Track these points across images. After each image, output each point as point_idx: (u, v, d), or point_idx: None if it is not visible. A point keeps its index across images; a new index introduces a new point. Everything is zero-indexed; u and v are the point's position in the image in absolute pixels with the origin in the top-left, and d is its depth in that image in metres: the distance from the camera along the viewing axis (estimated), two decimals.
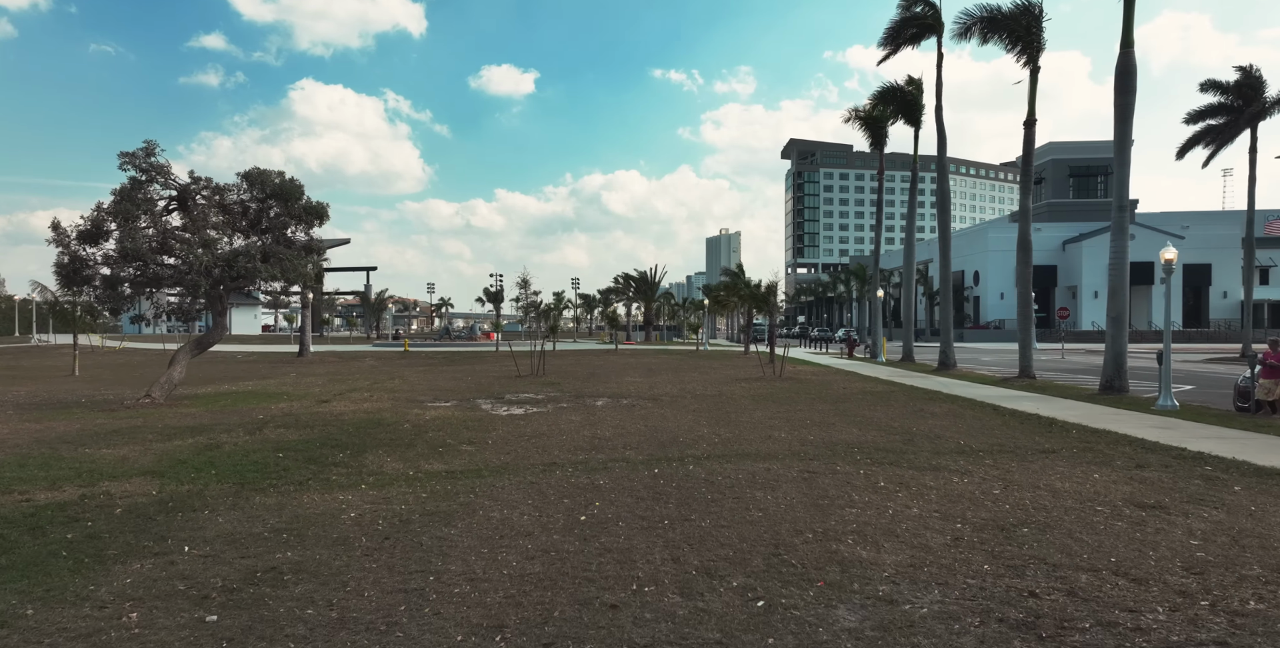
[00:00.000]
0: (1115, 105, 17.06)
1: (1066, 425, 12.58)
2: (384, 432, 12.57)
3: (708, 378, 24.58)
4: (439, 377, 25.39)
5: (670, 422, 13.70)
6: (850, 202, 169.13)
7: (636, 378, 24.55)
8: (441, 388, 20.95)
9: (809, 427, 12.91)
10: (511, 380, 23.54)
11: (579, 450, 10.72)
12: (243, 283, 19.07)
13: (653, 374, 26.38)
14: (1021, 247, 21.48)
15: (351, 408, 15.99)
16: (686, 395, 18.69)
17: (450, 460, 10.02)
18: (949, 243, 27.25)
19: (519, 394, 19.15)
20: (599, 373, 27.09)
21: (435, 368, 30.49)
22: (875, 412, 15.03)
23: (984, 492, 7.65)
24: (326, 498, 7.91)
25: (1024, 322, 21.65)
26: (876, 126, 35.95)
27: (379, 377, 25.50)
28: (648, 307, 76.03)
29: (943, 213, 27.36)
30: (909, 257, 32.50)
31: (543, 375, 25.26)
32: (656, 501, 7.58)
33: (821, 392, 19.49)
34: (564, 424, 13.39)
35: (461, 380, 23.73)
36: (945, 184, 27.11)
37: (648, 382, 22.98)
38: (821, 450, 10.46)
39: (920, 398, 17.58)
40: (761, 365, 29.35)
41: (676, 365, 31.78)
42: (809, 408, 15.82)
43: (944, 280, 27.48)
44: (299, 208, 19.23)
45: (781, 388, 20.57)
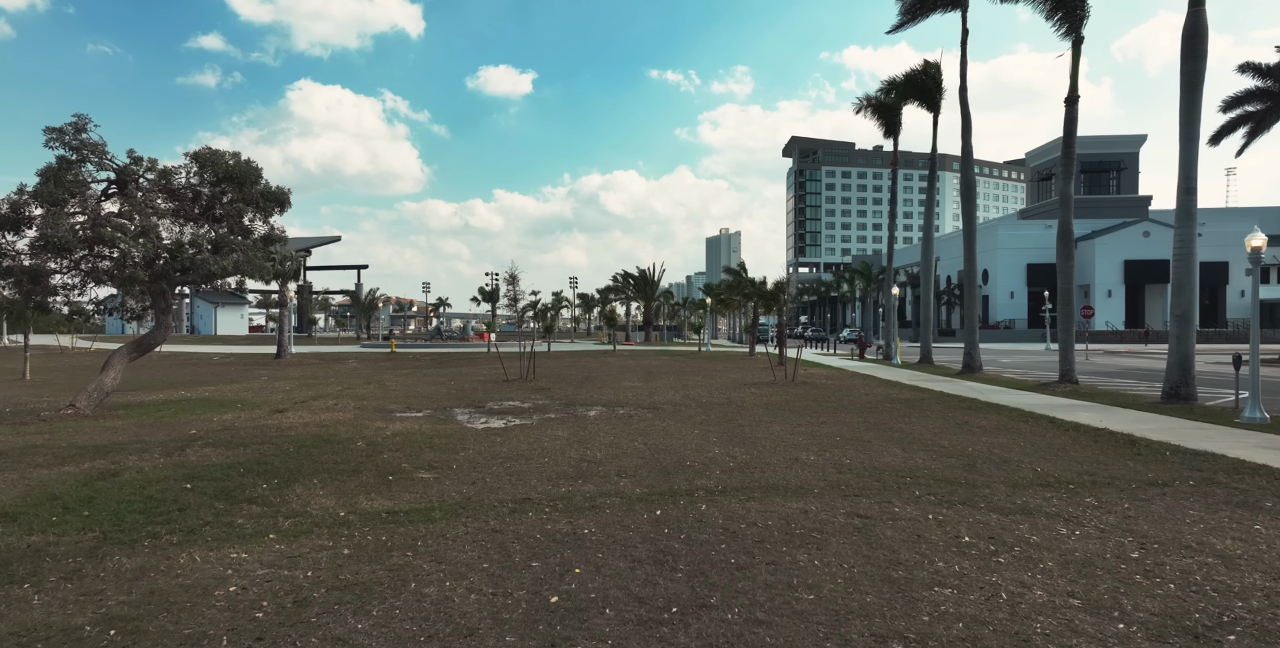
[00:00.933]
0: (1182, 72, 14.96)
1: (1153, 445, 10.45)
2: (331, 452, 10.45)
3: (713, 382, 22.46)
4: (419, 381, 23.26)
5: (674, 438, 11.58)
6: (853, 200, 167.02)
7: (635, 383, 22.43)
8: (418, 395, 18.83)
9: (841, 445, 10.79)
10: (498, 386, 21.43)
11: (562, 479, 8.60)
12: (192, 277, 16.92)
13: (653, 378, 24.26)
14: (1063, 237, 19.36)
15: (306, 420, 13.86)
16: (691, 404, 16.58)
17: (398, 495, 7.91)
18: (974, 235, 25.14)
19: (503, 402, 17.04)
20: (594, 377, 24.97)
21: (419, 371, 28.36)
22: (913, 425, 12.90)
23: (1118, 555, 5.52)
24: (212, 558, 5.80)
25: (1065, 321, 19.52)
26: (890, 114, 33.83)
27: (354, 381, 23.37)
28: (647, 306, 73.87)
29: (967, 203, 25.24)
30: (927, 252, 30.38)
31: (532, 380, 23.14)
32: (660, 567, 5.46)
33: (843, 399, 17.37)
34: (548, 442, 11.27)
35: (443, 386, 21.61)
36: (970, 172, 24.99)
37: (647, 387, 20.86)
38: (866, 481, 8.34)
39: (958, 407, 15.46)
40: (771, 368, 27.24)
41: (678, 368, 29.67)
42: (834, 420, 13.70)
43: (968, 277, 25.37)
44: (256, 193, 17.09)
45: (796, 395, 18.45)
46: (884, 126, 34.54)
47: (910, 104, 31.45)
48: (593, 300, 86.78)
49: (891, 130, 34.49)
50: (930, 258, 30.22)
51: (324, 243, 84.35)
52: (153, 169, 16.72)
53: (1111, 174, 77.00)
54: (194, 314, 78.31)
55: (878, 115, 34.18)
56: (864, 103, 34.08)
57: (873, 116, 34.45)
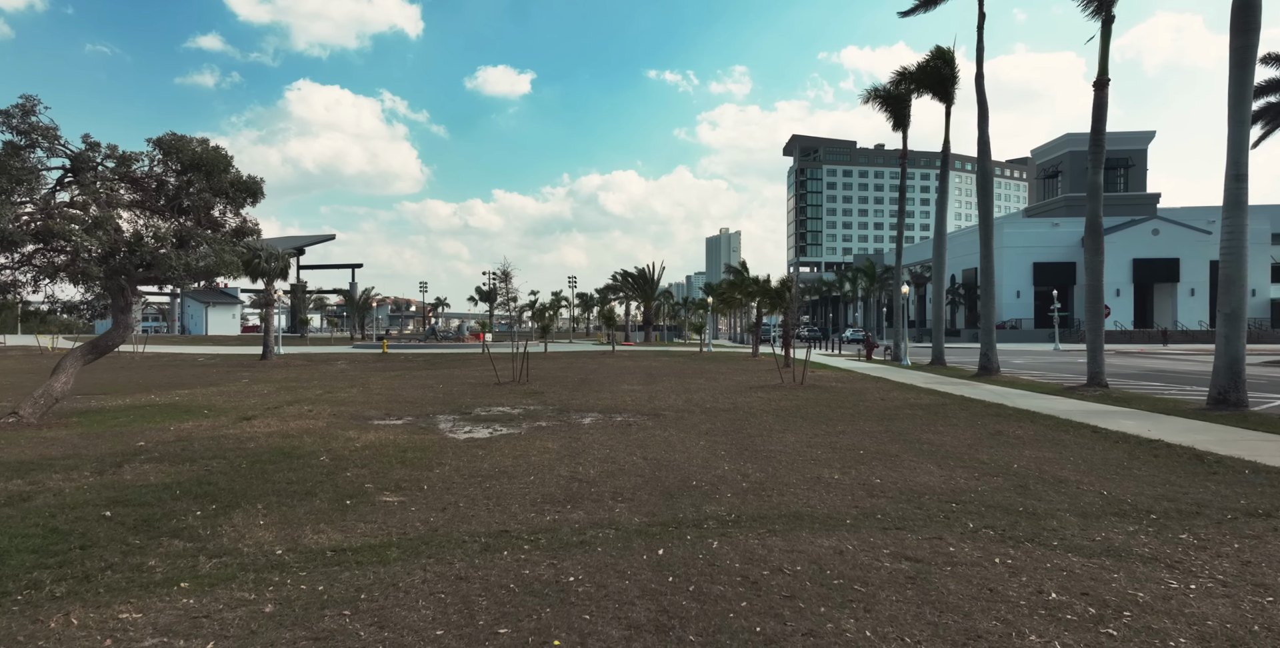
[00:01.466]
0: (1231, 49, 13.70)
1: (1225, 462, 9.18)
2: (289, 469, 9.19)
3: (717, 386, 21.20)
4: (406, 384, 22.00)
5: (677, 451, 10.33)
6: (854, 199, 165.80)
7: (634, 386, 21.17)
8: (402, 399, 17.57)
9: (866, 460, 9.54)
10: (488, 389, 20.17)
11: (548, 504, 7.36)
12: (155, 274, 15.64)
13: (653, 381, 23.00)
14: (1092, 231, 18.10)
15: (272, 429, 12.60)
16: (694, 409, 15.33)
17: (352, 525, 6.66)
18: (991, 230, 23.88)
19: (491, 408, 15.78)
20: (592, 379, 23.71)
21: (408, 373, 27.10)
22: (941, 435, 11.65)
23: (1268, 626, 4.26)
24: (93, 620, 4.55)
25: (1094, 320, 18.25)
26: (899, 106, 32.58)
27: (338, 384, 22.11)
28: (647, 306, 72.59)
29: (984, 197, 23.99)
30: (939, 249, 29.12)
31: (526, 383, 21.87)
32: (663, 636, 4.21)
33: (857, 405, 16.12)
34: (536, 455, 10.02)
35: (431, 389, 20.35)
36: (988, 164, 23.74)
37: (647, 391, 19.60)
38: (906, 507, 7.09)
39: (986, 414, 14.20)
40: (777, 370, 26.00)
41: (679, 370, 28.41)
42: (853, 429, 12.45)
43: (984, 275, 24.12)
44: (225, 182, 15.83)
45: (807, 399, 17.20)
46: (893, 119, 33.29)
47: (923, 95, 30.20)
48: (592, 300, 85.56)
49: (900, 123, 33.24)
50: (942, 255, 28.98)
51: (318, 241, 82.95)
52: (112, 156, 15.45)
53: (1119, 171, 75.75)
54: (184, 314, 76.94)
55: (886, 107, 32.93)
56: (872, 94, 32.83)
57: (881, 108, 33.21)
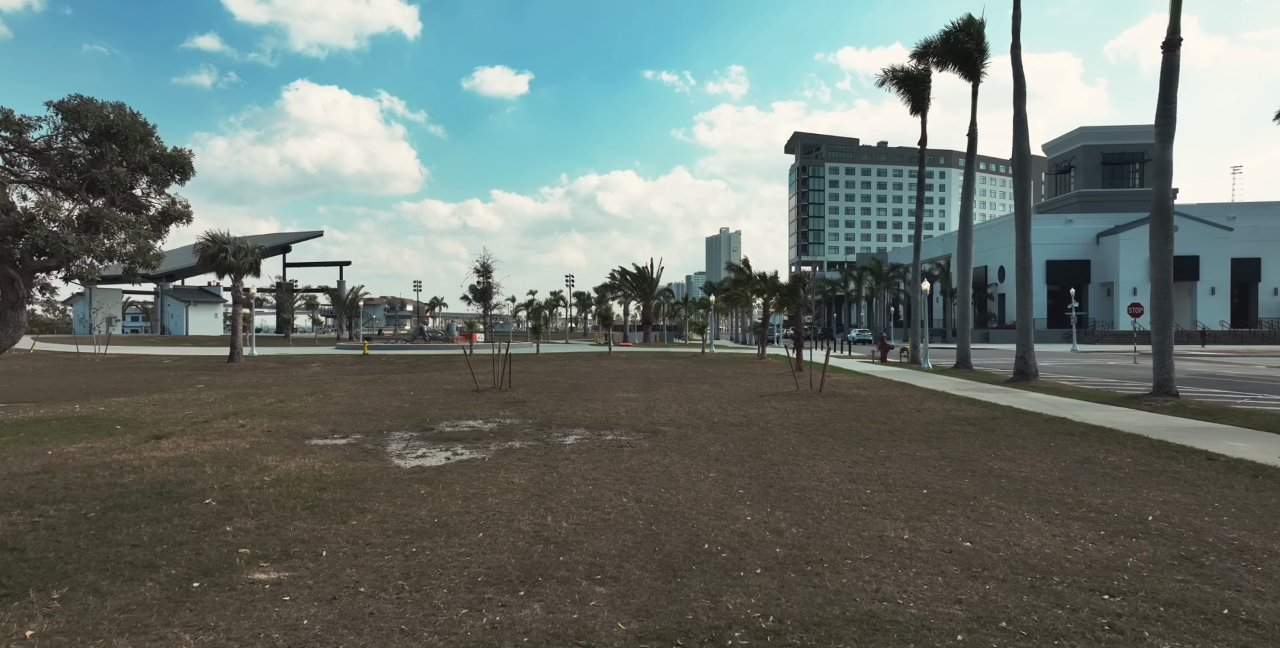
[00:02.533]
0: None
1: None
2: (150, 520, 6.74)
3: (723, 393, 18.75)
4: (374, 391, 19.55)
5: (681, 488, 7.89)
6: (856, 197, 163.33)
7: (630, 393, 18.71)
8: (360, 411, 15.12)
9: (936, 505, 7.09)
10: (464, 398, 17.72)
11: (491, 588, 4.92)
12: (55, 262, 13.21)
13: (651, 386, 20.55)
14: (1160, 215, 15.65)
15: (179, 453, 10.15)
16: (699, 424, 12.88)
17: (175, 637, 4.21)
18: (1028, 218, 21.44)
19: (459, 423, 13.33)
20: (583, 385, 21.25)
21: (382, 377, 24.64)
22: (1017, 464, 9.20)
23: None
24: None
25: (1162, 319, 15.77)
26: (918, 87, 30.14)
27: (297, 391, 19.66)
28: (646, 305, 70.08)
29: (1021, 180, 21.55)
30: (964, 242, 26.69)
31: (508, 390, 19.41)
32: None
33: (891, 418, 13.67)
34: (494, 496, 7.58)
35: (399, 397, 17.90)
36: (1025, 143, 21.31)
37: (644, 399, 17.15)
38: (1036, 604, 4.63)
39: (1053, 432, 11.75)
40: (789, 375, 23.59)
41: (680, 373, 25.96)
42: (899, 453, 10.00)
43: (1021, 268, 21.67)
44: (144, 156, 13.40)
45: (831, 411, 14.75)
46: (910, 102, 30.85)
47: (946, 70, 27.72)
48: (589, 300, 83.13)
49: (919, 106, 30.81)
50: (968, 249, 26.54)
51: (305, 238, 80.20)
52: (7, 126, 13.00)
53: (1134, 166, 73.32)
54: (164, 313, 74.25)
55: (904, 89, 30.49)
56: (889, 75, 30.39)
57: (898, 91, 30.78)
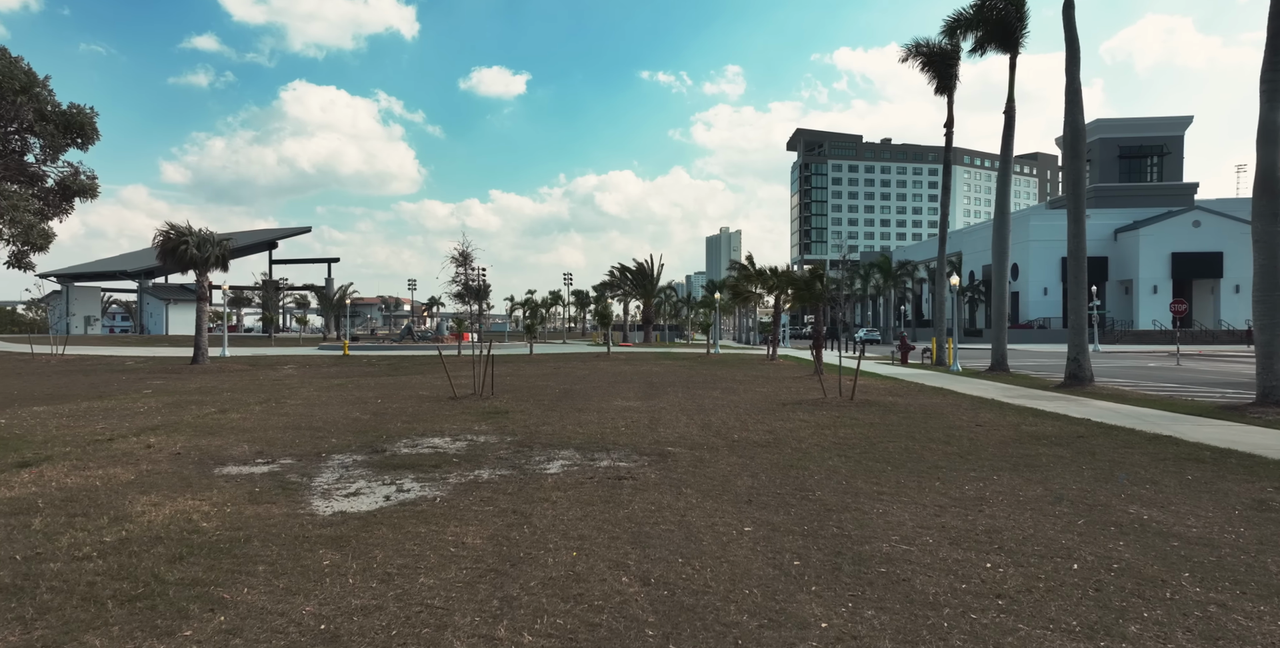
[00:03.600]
0: None
1: None
2: None
3: (739, 400, 16.25)
4: (337, 398, 17.06)
5: (707, 559, 5.40)
6: (860, 195, 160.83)
7: (630, 401, 16.22)
8: (307, 424, 12.63)
9: (1114, 602, 4.60)
10: (438, 407, 15.23)
11: None
12: None
13: (655, 393, 18.06)
14: (1265, 187, 13.11)
15: (28, 490, 7.66)
16: (718, 444, 10.40)
17: None
18: (1082, 202, 18.92)
19: (421, 441, 10.85)
20: (577, 391, 18.76)
21: (354, 382, 22.14)
22: (1169, 512, 6.71)
23: None
24: None
25: (1270, 314, 13.16)
26: (945, 64, 27.67)
27: (249, 399, 17.16)
28: (647, 303, 67.50)
29: (1074, 158, 19.02)
30: (1000, 231, 24.19)
31: (489, 397, 16.90)
32: None
33: (950, 434, 11.18)
34: (428, 574, 5.09)
35: (362, 406, 15.42)
36: (1079, 116, 18.78)
37: (647, 409, 14.66)
38: None
39: (1173, 458, 9.24)
40: (810, 378, 21.15)
41: (687, 377, 23.46)
42: (991, 489, 7.50)
43: (1074, 258, 19.14)
44: (28, 111, 10.89)
45: (874, 425, 12.25)
46: (936, 81, 28.37)
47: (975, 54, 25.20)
48: (588, 298, 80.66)
49: (945, 85, 28.32)
50: (1004, 239, 24.04)
51: (291, 234, 77.36)
52: None
53: (1151, 159, 70.87)
54: (143, 312, 71.39)
55: (929, 67, 28.01)
56: (913, 50, 27.91)
57: (923, 69, 28.29)
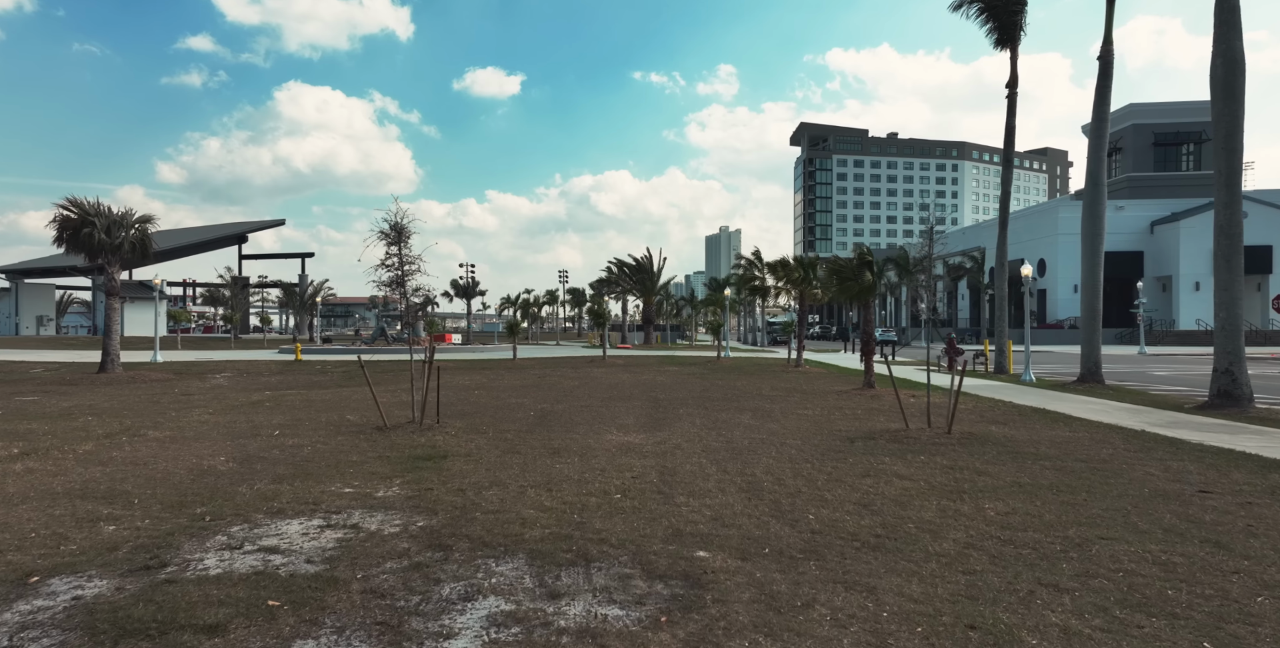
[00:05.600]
0: None
1: None
2: None
3: (784, 431, 11.51)
4: (222, 430, 12.32)
5: None
6: (865, 191, 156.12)
7: (629, 433, 11.46)
8: (117, 487, 7.92)
9: None
10: (352, 444, 10.51)
11: None
12: None
13: (663, 418, 13.32)
14: None
15: None
16: (789, 543, 5.68)
17: None
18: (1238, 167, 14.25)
19: (260, 532, 6.12)
20: (558, 414, 14.01)
21: (280, 397, 17.40)
22: None
23: None
24: None
25: None
26: (1009, 8, 22.94)
27: (110, 424, 12.43)
28: (647, 301, 62.69)
29: (1228, 99, 14.33)
30: (1094, 208, 19.48)
31: (434, 425, 12.12)
32: None
33: (1178, 512, 6.45)
34: None
35: (241, 444, 10.69)
36: (1236, 45, 14.11)
37: (655, 449, 9.93)
38: None
39: None
40: (859, 393, 16.42)
41: (700, 390, 18.71)
42: None
43: (1228, 237, 14.42)
44: None
45: (1024, 488, 7.58)
46: (997, 31, 23.67)
47: None
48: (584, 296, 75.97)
49: (1009, 37, 23.65)
50: (1098, 218, 19.33)
51: (262, 227, 72.08)
52: None
53: (1188, 147, 66.22)
54: (97, 311, 66.12)
55: (989, 12, 23.31)
56: None
57: (978, 17, 23.59)
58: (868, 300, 17.40)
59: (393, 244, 12.16)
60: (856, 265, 17.42)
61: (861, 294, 17.18)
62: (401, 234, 12.10)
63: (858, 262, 17.39)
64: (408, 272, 12.28)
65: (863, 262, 17.37)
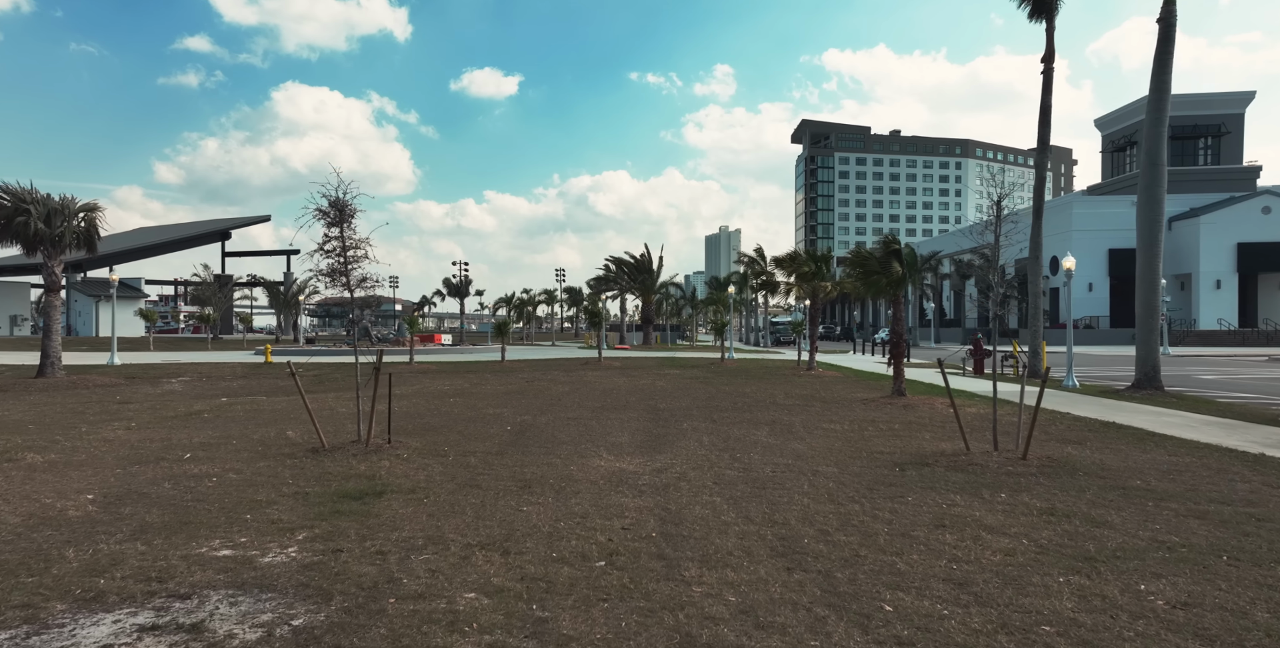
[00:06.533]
0: None
1: None
2: None
3: (812, 453, 9.29)
4: (127, 452, 10.13)
5: None
6: (868, 189, 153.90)
7: (622, 458, 9.25)
8: None
9: None
10: (274, 472, 8.32)
11: None
12: None
13: (663, 436, 11.11)
14: None
15: None
16: None
17: None
18: None
19: (51, 641, 3.83)
20: (539, 428, 11.80)
21: (225, 407, 15.17)
22: None
23: None
24: None
25: None
26: None
27: (3, 442, 10.20)
28: (646, 300, 60.44)
29: None
30: (1152, 196, 17.33)
31: (383, 446, 9.91)
32: None
33: None
34: None
35: (135, 473, 8.49)
36: None
37: (652, 480, 7.72)
38: None
39: None
40: (890, 402, 14.21)
41: (706, 398, 16.50)
42: None
43: None
44: None
45: (1168, 550, 5.32)
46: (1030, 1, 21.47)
47: None
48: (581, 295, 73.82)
49: (1044, 6, 21.45)
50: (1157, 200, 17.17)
51: (247, 224, 69.75)
52: None
53: (1205, 141, 64.06)
54: (70, 310, 63.66)
55: None
56: None
57: None
58: (898, 296, 15.18)
59: (333, 225, 9.95)
60: (884, 256, 15.21)
61: (891, 288, 14.97)
62: (344, 213, 9.89)
63: (885, 251, 15.18)
64: (353, 259, 10.06)
65: (891, 252, 15.16)
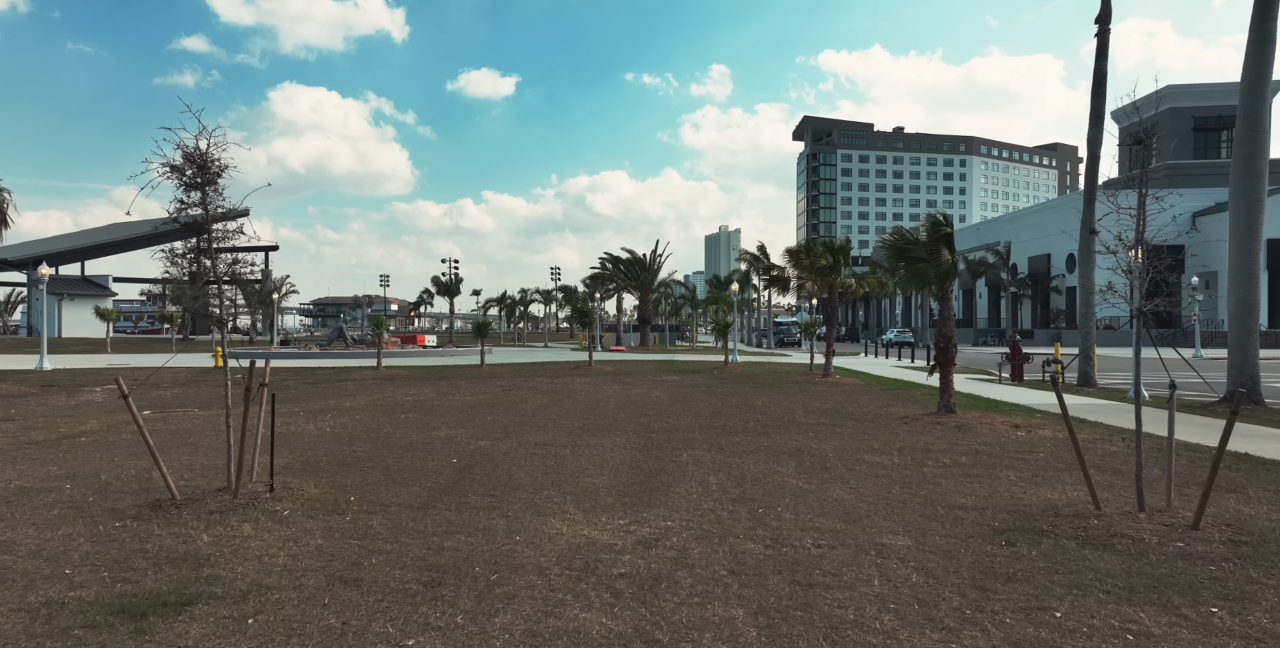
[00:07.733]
0: None
1: None
2: None
3: (868, 503, 6.45)
4: None
5: None
6: (871, 187, 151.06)
7: (592, 518, 6.39)
8: None
9: None
10: (67, 551, 5.46)
11: None
12: None
13: (654, 476, 8.27)
14: None
15: None
16: None
17: None
18: None
19: None
20: (490, 464, 8.94)
21: (125, 427, 12.30)
22: None
23: None
24: None
25: None
26: None
27: None
28: (644, 299, 57.57)
29: None
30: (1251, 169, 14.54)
31: (261, 498, 7.02)
32: None
33: None
34: None
35: None
36: None
37: (634, 554, 4.87)
38: None
39: None
40: (938, 421, 11.39)
41: (710, 414, 13.65)
42: None
43: None
44: None
45: None
46: None
47: None
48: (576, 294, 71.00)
49: None
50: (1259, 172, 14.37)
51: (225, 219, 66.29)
52: None
53: (1226, 132, 61.25)
54: (32, 309, 60.46)
55: None
56: None
57: None
58: (946, 289, 12.35)
59: (191, 188, 7.13)
60: (932, 241, 12.37)
61: (940, 279, 12.15)
62: (205, 170, 7.06)
63: (934, 236, 12.34)
64: (221, 237, 7.26)
65: (939, 236, 12.32)
